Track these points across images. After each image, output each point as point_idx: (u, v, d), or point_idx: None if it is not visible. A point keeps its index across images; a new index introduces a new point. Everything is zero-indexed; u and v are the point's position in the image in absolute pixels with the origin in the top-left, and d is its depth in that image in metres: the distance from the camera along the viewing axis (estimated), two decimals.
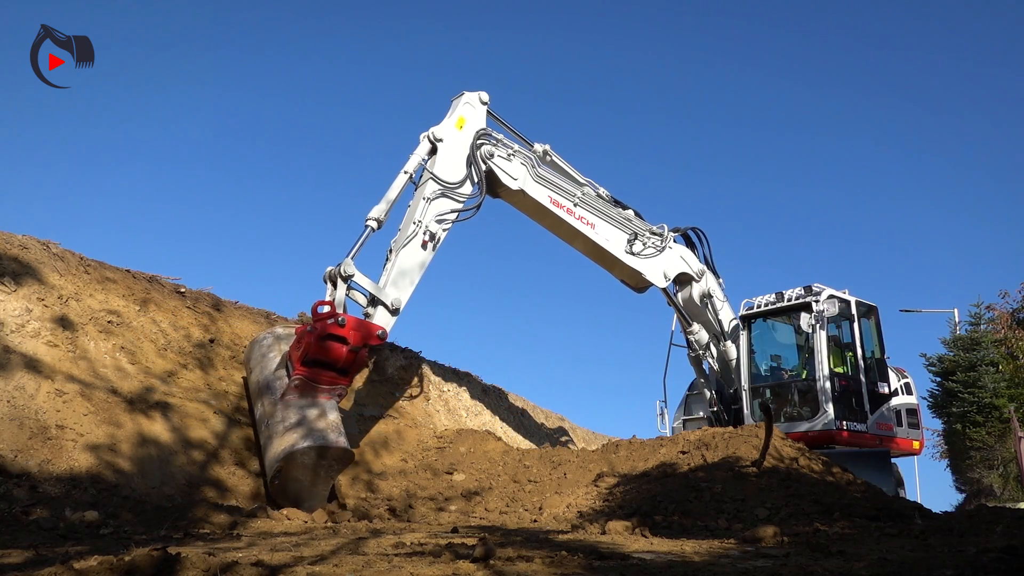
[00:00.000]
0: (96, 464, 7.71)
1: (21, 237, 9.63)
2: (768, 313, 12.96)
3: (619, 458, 10.29)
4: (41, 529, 6.03)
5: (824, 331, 12.05)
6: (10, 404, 7.67)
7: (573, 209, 11.45)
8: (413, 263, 9.70)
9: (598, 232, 11.69)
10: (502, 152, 10.74)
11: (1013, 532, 6.80)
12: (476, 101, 10.73)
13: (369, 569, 4.17)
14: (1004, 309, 22.55)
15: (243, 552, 4.73)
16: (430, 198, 9.91)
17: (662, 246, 12.37)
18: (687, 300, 12.87)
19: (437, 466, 10.93)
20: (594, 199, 11.75)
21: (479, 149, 10.43)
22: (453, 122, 10.40)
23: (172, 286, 11.14)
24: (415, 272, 9.71)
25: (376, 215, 9.55)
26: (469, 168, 10.32)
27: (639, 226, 12.23)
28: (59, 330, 8.72)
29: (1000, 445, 24.04)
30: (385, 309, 9.32)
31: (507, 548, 4.98)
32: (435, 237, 9.90)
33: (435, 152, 10.18)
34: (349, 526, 7.47)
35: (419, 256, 9.74)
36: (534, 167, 11.08)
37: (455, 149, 10.31)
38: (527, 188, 11.01)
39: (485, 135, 10.59)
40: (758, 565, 4.77)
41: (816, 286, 12.62)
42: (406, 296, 9.57)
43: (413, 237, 9.70)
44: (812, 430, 11.77)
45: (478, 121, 10.66)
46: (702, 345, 12.95)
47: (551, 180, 11.29)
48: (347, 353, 8.75)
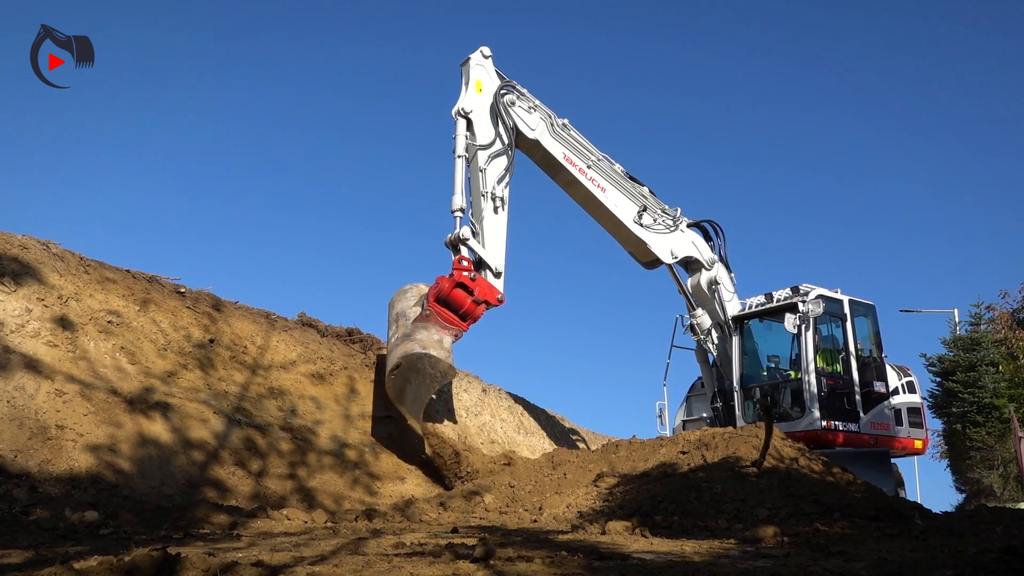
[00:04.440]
0: (96, 464, 7.71)
1: (21, 237, 9.63)
2: (757, 314, 12.99)
3: (619, 458, 10.29)
4: (41, 529, 6.03)
5: (810, 331, 12.01)
6: (10, 404, 7.67)
7: (586, 170, 11.91)
8: (495, 230, 10.72)
9: (608, 197, 12.12)
10: (523, 104, 11.33)
11: (1013, 532, 6.80)
12: (480, 58, 11.25)
13: (369, 569, 4.17)
14: (1004, 309, 22.62)
15: (243, 552, 4.73)
16: (483, 168, 10.76)
17: (673, 227, 12.68)
18: (695, 286, 13.07)
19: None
20: (609, 168, 12.15)
21: (502, 98, 11.07)
22: (472, 89, 11.02)
23: (172, 286, 11.14)
24: (500, 237, 10.77)
25: (458, 205, 10.52)
26: (495, 120, 11.03)
27: (651, 201, 12.56)
28: (59, 330, 8.72)
29: (1000, 445, 24.04)
30: (491, 272, 10.58)
31: (507, 548, 4.98)
32: (503, 199, 10.85)
33: (471, 125, 10.92)
34: (349, 526, 7.47)
35: (497, 222, 10.76)
36: (552, 125, 11.62)
37: (484, 111, 11.05)
38: (543, 140, 11.53)
39: (508, 86, 11.23)
40: (758, 565, 4.77)
41: (804, 286, 12.62)
42: (503, 260, 10.71)
43: (486, 208, 10.69)
44: (797, 430, 11.71)
45: (492, 78, 11.24)
46: (703, 330, 13.11)
47: (568, 138, 11.80)
48: (471, 303, 10.25)
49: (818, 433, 11.69)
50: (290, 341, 11.73)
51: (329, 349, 12.21)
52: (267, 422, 10.06)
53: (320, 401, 11.14)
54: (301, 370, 11.37)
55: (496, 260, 10.70)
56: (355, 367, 12.39)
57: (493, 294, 10.56)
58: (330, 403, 11.32)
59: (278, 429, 10.09)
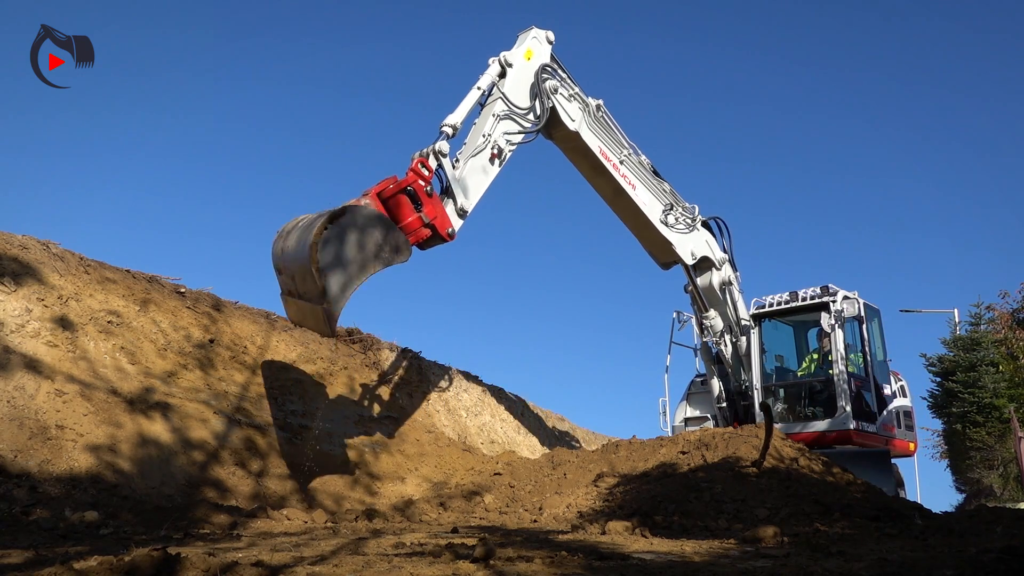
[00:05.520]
0: (96, 464, 7.71)
1: (21, 237, 9.63)
2: (783, 312, 13.01)
3: (619, 458, 10.29)
4: (41, 529, 6.03)
5: (841, 331, 12.18)
6: (10, 404, 7.67)
7: (619, 165, 11.49)
8: (480, 176, 9.64)
9: (638, 194, 11.71)
10: (564, 91, 10.82)
11: (1013, 532, 6.81)
12: (543, 38, 10.75)
13: (369, 569, 4.17)
14: (1004, 309, 22.63)
15: (243, 552, 4.72)
16: (499, 115, 9.99)
17: (692, 225, 12.36)
18: (706, 287, 12.76)
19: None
20: (637, 163, 11.77)
21: (544, 83, 10.50)
22: (522, 52, 10.47)
23: (172, 286, 11.13)
24: (482, 183, 9.65)
25: (452, 121, 9.31)
26: (533, 100, 10.42)
27: (674, 199, 12.23)
28: (59, 330, 8.72)
29: (1000, 445, 24.06)
30: (453, 206, 9.16)
31: (507, 548, 4.97)
32: (502, 153, 9.94)
33: (504, 76, 10.25)
34: (349, 526, 7.47)
35: (487, 168, 9.73)
36: (590, 115, 11.18)
37: (523, 76, 10.43)
38: (582, 132, 11.05)
39: (550, 70, 10.68)
40: (758, 565, 4.77)
41: (831, 287, 12.70)
42: (472, 203, 9.45)
43: (482, 149, 9.68)
44: (831, 430, 11.84)
45: (544, 56, 10.72)
46: (716, 332, 12.86)
47: (603, 132, 11.37)
48: (416, 219, 8.55)
49: (850, 433, 11.78)
50: (290, 341, 11.73)
51: (329, 349, 12.21)
52: (267, 422, 10.05)
53: (320, 401, 11.14)
54: (301, 370, 11.37)
55: (467, 200, 9.36)
56: (355, 367, 12.39)
57: (445, 223, 8.91)
58: (330, 403, 11.32)
59: (278, 429, 10.08)
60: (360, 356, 12.79)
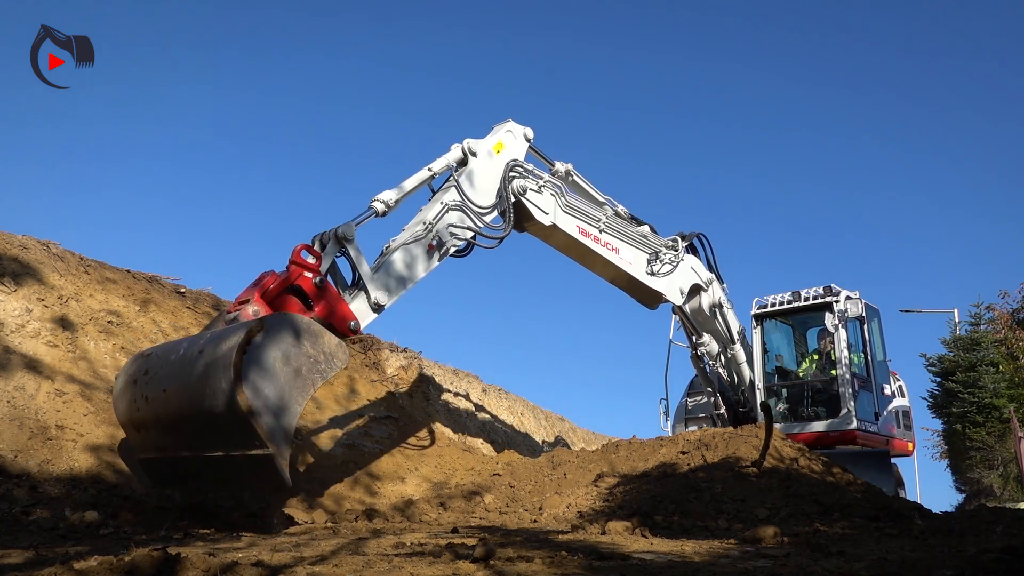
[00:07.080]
0: (96, 464, 7.71)
1: (21, 237, 9.63)
2: (786, 312, 13.02)
3: (619, 458, 10.29)
4: (41, 529, 6.03)
5: (845, 331, 12.21)
6: (10, 404, 7.67)
7: (599, 236, 10.84)
8: (412, 266, 8.55)
9: (622, 257, 11.13)
10: (533, 184, 10.02)
11: (1013, 532, 6.80)
12: (520, 134, 10.08)
13: (369, 569, 4.17)
14: (1004, 309, 22.61)
15: (243, 552, 4.72)
16: (449, 205, 8.98)
17: (676, 260, 11.81)
18: (696, 310, 12.38)
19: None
20: (615, 220, 11.13)
21: (511, 183, 9.70)
22: (491, 144, 9.72)
23: (172, 286, 11.14)
24: (410, 277, 8.53)
25: (385, 199, 8.39)
26: (499, 199, 9.59)
27: (656, 242, 11.69)
28: (59, 330, 8.72)
29: (1000, 445, 24.08)
30: (366, 300, 8.07)
31: (507, 548, 4.97)
32: (443, 246, 8.88)
33: (465, 164, 9.42)
34: (349, 526, 7.47)
35: (421, 260, 8.62)
36: (562, 196, 10.41)
37: (487, 170, 9.58)
38: (558, 222, 10.30)
39: (517, 167, 9.85)
40: (758, 565, 4.77)
41: (834, 287, 12.74)
42: (392, 299, 8.32)
43: (420, 238, 8.62)
44: (834, 430, 11.87)
45: (516, 152, 9.98)
46: (712, 356, 12.65)
47: (578, 207, 10.65)
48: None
49: (855, 433, 11.81)
50: None
51: None
52: None
53: (320, 401, 11.14)
54: None
55: (383, 294, 8.18)
56: (355, 367, 12.39)
57: (343, 317, 7.62)
58: (330, 403, 11.32)
59: None
60: (360, 356, 12.80)
